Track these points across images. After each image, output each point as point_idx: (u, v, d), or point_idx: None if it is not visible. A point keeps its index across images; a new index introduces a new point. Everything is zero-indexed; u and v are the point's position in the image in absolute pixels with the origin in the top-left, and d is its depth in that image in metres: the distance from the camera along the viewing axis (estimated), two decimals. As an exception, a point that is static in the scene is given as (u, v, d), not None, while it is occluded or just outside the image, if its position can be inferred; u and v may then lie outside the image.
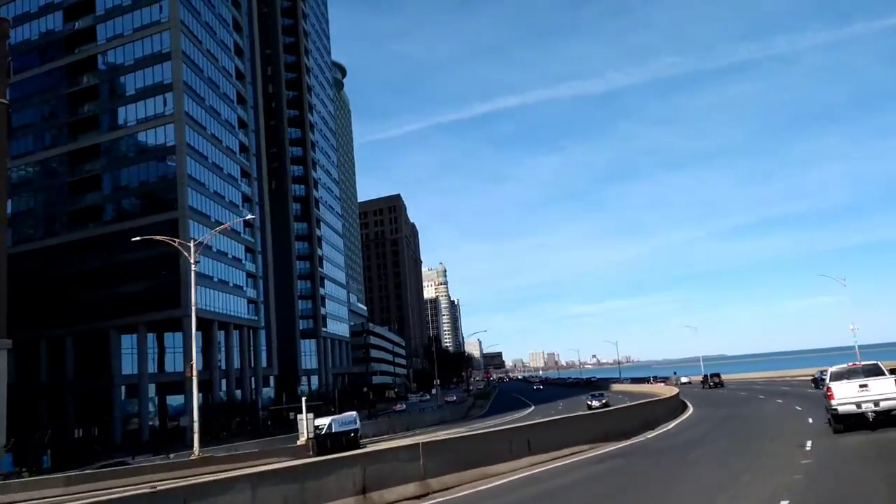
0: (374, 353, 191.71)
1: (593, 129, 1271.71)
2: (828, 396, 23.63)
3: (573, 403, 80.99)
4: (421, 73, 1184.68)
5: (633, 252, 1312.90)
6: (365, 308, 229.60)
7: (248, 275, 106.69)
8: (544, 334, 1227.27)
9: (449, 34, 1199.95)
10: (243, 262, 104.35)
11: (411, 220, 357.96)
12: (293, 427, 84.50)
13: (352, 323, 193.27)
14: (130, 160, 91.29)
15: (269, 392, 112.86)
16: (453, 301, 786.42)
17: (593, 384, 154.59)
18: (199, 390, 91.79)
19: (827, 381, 24.40)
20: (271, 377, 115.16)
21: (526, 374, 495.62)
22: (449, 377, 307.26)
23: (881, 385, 22.62)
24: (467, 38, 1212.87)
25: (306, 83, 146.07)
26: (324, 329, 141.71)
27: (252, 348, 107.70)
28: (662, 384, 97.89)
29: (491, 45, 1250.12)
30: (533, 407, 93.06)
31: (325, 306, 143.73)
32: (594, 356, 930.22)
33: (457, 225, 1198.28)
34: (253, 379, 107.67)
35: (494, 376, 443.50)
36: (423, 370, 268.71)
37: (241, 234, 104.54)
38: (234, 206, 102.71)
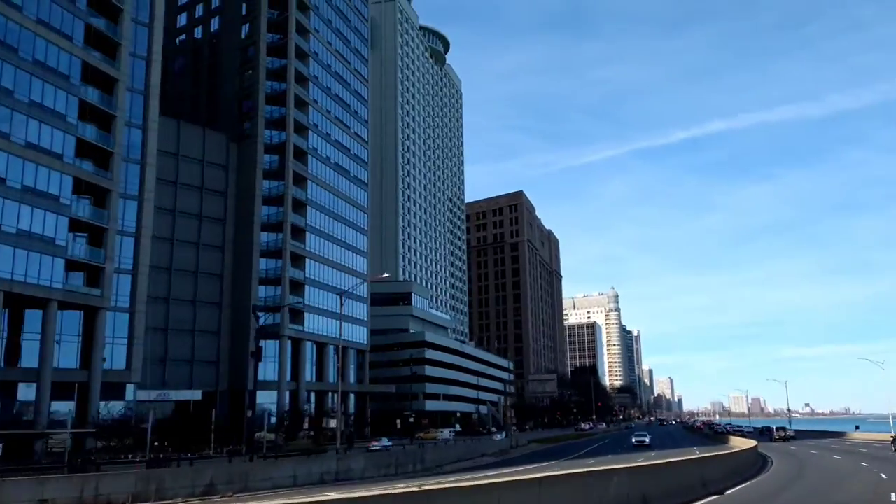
0: (435, 372, 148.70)
1: (811, 156, 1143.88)
2: None
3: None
4: (620, 98, 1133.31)
5: (859, 292, 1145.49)
6: (447, 317, 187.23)
7: (80, 224, 69.23)
8: (750, 377, 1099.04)
9: (651, 58, 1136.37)
10: (68, 203, 67.00)
11: (547, 228, 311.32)
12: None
13: (412, 331, 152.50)
14: None
15: (116, 409, 73.82)
16: (630, 332, 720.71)
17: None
18: None
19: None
20: (128, 386, 76.08)
21: (694, 420, 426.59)
22: (594, 413, 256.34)
23: None
24: (671, 62, 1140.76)
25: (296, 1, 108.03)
26: (293, 326, 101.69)
27: (87, 338, 69.87)
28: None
29: (696, 67, 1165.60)
30: (554, 462, 63.85)
31: (302, 296, 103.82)
32: (807, 405, 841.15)
33: (654, 255, 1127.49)
34: (88, 386, 69.63)
35: (645, 419, 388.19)
36: (531, 403, 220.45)
37: (66, 160, 67.24)
38: (50, 115, 65.98)
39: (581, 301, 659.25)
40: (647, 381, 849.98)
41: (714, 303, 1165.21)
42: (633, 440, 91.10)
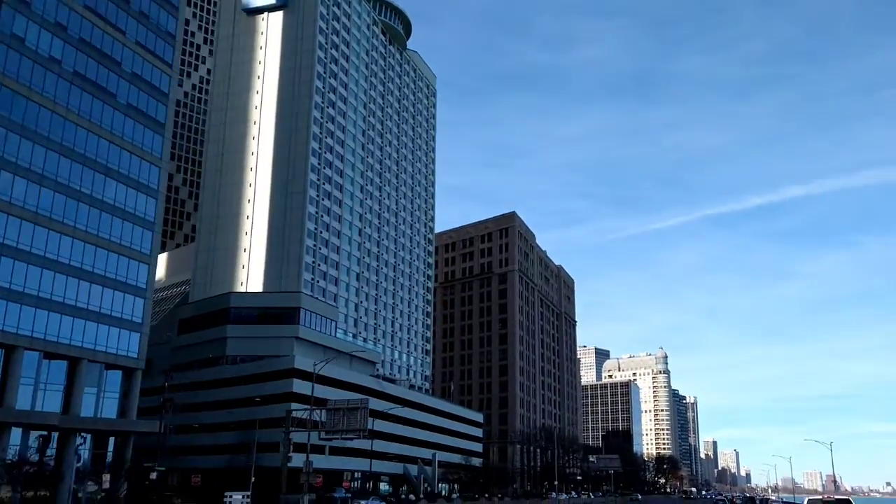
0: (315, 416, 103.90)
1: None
2: None
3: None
4: (690, 164, 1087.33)
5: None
6: (369, 346, 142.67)
7: None
8: (824, 453, 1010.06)
9: (721, 124, 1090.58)
10: None
11: (556, 263, 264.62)
12: None
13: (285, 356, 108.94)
14: None
15: None
16: (683, 397, 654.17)
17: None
18: None
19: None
20: None
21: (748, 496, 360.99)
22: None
23: None
24: (741, 127, 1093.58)
25: None
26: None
27: None
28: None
29: (768, 133, 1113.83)
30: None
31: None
32: (888, 483, 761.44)
33: (725, 324, 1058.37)
34: None
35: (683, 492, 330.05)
36: (502, 466, 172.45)
37: None
38: None
39: (626, 362, 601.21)
40: (709, 453, 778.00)
41: (790, 374, 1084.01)
42: None
